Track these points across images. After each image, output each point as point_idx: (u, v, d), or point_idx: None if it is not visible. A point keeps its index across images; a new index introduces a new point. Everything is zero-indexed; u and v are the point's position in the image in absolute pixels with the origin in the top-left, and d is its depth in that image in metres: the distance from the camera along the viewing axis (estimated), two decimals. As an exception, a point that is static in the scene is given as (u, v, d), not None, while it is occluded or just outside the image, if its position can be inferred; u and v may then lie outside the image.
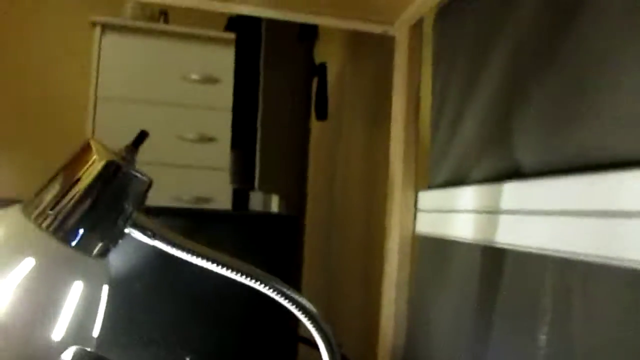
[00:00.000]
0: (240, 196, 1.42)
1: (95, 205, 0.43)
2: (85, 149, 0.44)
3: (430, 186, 0.86)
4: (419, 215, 0.87)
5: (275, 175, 1.12)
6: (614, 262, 0.45)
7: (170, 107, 1.97)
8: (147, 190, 0.47)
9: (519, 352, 0.58)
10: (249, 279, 0.52)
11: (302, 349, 0.93)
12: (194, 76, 1.98)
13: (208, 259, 0.49)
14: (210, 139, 1.96)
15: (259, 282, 0.53)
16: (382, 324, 0.92)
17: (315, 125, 1.57)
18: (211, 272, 0.51)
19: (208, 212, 0.80)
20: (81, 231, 0.43)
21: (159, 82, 1.99)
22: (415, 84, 0.93)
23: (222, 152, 1.71)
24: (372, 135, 1.56)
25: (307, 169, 1.31)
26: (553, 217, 0.53)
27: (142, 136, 0.47)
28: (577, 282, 0.50)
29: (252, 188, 1.22)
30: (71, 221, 0.42)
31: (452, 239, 0.74)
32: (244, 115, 1.33)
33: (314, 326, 0.57)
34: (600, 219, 0.46)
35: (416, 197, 0.89)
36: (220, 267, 0.50)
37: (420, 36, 0.94)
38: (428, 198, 0.85)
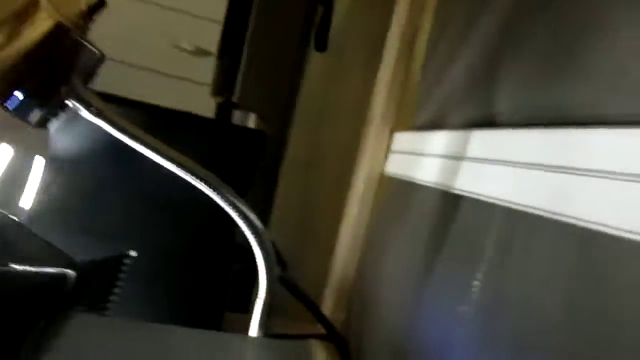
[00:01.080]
0: (223, 113, 1.38)
1: (37, 67, 0.41)
2: (33, 5, 0.41)
3: (411, 128, 0.84)
4: (392, 157, 0.86)
5: (257, 93, 1.09)
6: (559, 218, 0.44)
7: (168, 11, 1.89)
8: (97, 66, 0.45)
9: (455, 295, 0.59)
10: (192, 176, 0.51)
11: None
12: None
13: (152, 149, 0.47)
14: (206, 53, 1.90)
15: (202, 182, 0.52)
16: (335, 255, 0.93)
17: (315, 56, 1.52)
18: (163, 171, 0.50)
19: (166, 109, 0.77)
20: (18, 94, 0.41)
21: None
22: (414, 24, 0.89)
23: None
24: (369, 74, 1.52)
25: (296, 96, 1.28)
26: (512, 167, 0.52)
27: (100, 4, 0.44)
28: (521, 234, 0.50)
29: (231, 101, 1.19)
30: (8, 81, 0.40)
31: (417, 181, 0.73)
32: (236, 24, 1.26)
33: (253, 237, 0.57)
34: (556, 173, 0.45)
35: (392, 138, 0.87)
36: (163, 158, 0.48)
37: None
38: (403, 140, 0.84)
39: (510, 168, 0.52)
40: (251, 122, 1.19)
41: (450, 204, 0.64)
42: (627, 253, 0.38)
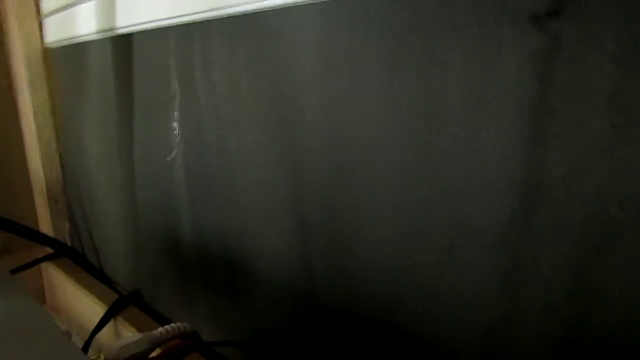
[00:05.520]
0: None
1: None
2: None
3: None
4: (46, 23, 0.70)
5: None
6: (227, 12, 0.40)
7: None
8: None
9: (161, 148, 0.53)
10: None
11: None
12: None
13: None
14: None
15: None
16: (31, 163, 0.77)
17: None
18: None
19: None
20: None
21: None
22: None
23: None
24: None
25: None
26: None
27: None
28: (199, 48, 0.45)
29: None
30: None
31: (82, 38, 0.61)
32: None
33: None
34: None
35: (39, 4, 0.70)
36: None
37: None
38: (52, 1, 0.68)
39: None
40: None
41: (123, 49, 0.55)
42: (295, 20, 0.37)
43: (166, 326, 0.42)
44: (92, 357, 0.38)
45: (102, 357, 0.38)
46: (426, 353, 0.36)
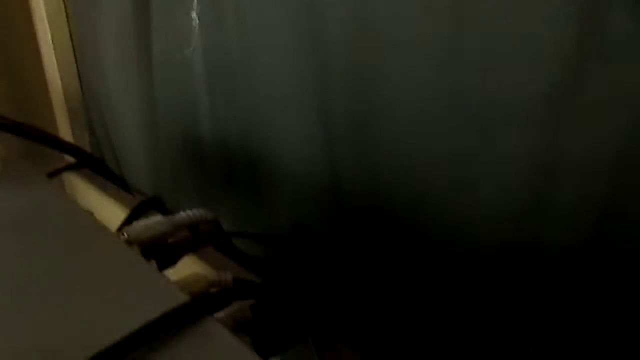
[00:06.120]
0: None
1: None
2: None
3: None
4: None
5: None
6: None
7: None
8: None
9: (179, 42, 0.51)
10: None
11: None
12: None
13: None
14: None
15: None
16: (48, 73, 0.77)
17: None
18: None
19: None
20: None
21: None
22: None
23: None
24: None
25: None
26: None
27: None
28: None
29: None
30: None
31: None
32: None
33: None
34: None
35: None
36: None
37: None
38: None
39: None
40: None
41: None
42: None
43: (188, 211, 0.42)
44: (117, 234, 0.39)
45: (126, 235, 0.39)
46: (456, 246, 0.35)
